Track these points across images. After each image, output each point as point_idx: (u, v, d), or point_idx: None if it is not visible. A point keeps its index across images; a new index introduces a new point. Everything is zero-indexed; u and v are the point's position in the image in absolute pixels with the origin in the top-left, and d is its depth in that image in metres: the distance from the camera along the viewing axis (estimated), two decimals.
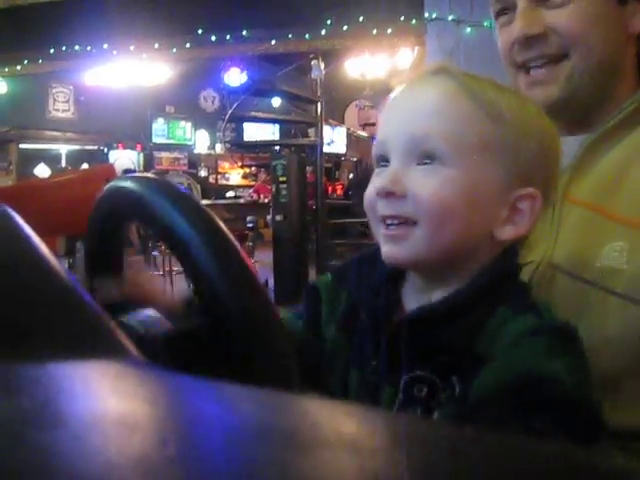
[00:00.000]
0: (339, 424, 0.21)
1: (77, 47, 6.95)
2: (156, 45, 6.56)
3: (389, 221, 0.66)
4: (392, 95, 0.71)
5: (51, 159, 11.42)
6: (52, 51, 7.06)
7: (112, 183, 0.64)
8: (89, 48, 6.93)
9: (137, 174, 0.71)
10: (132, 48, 6.63)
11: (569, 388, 0.57)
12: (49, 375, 0.21)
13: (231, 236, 0.52)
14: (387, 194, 0.65)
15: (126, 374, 0.23)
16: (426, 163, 0.64)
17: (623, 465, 0.20)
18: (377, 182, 0.66)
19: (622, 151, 0.85)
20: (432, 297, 0.67)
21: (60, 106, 11.61)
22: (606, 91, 0.88)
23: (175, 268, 5.94)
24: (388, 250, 0.66)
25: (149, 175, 0.63)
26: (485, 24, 4.90)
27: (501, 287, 0.66)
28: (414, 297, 0.70)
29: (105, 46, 6.79)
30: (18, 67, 7.26)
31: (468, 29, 5.08)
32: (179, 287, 0.83)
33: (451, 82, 0.66)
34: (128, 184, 0.59)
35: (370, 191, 0.68)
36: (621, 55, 0.88)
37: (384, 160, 0.68)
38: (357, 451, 0.20)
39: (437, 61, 0.72)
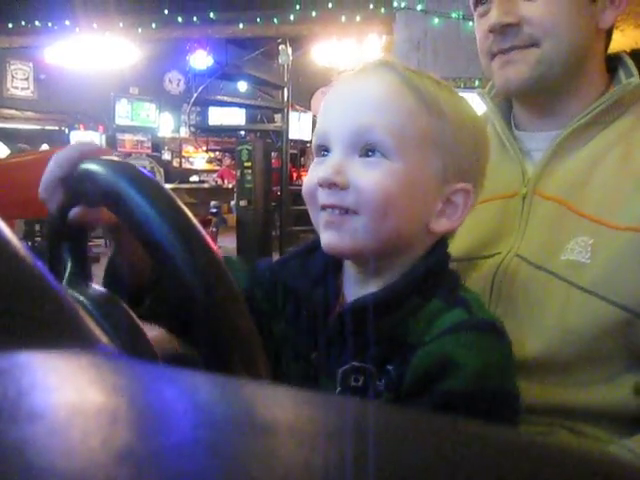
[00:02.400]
0: (306, 412, 0.21)
1: (37, 22, 6.76)
2: (120, 24, 6.43)
3: (329, 210, 0.66)
4: (334, 85, 0.72)
5: (9, 138, 11.09)
6: (10, 26, 6.84)
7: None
8: (50, 24, 6.74)
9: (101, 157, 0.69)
10: (95, 26, 6.48)
11: (472, 378, 0.60)
12: (19, 366, 0.20)
13: (195, 221, 0.51)
14: (329, 185, 0.65)
15: (99, 364, 0.23)
16: (369, 155, 0.65)
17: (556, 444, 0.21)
18: (319, 171, 0.67)
19: (592, 149, 0.88)
20: (369, 288, 0.68)
21: (19, 84, 11.28)
22: (574, 82, 0.90)
23: None
24: (327, 237, 0.67)
25: (113, 158, 0.62)
26: (453, 15, 4.94)
27: (435, 278, 0.68)
28: (352, 288, 0.72)
29: (67, 22, 6.61)
30: None
31: (436, 19, 5.11)
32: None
33: (394, 76, 0.67)
34: (92, 167, 0.58)
35: (310, 180, 0.69)
36: (590, 49, 0.90)
37: (325, 150, 0.69)
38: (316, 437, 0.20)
39: (400, 51, 0.73)
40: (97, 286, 0.65)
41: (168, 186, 0.55)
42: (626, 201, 0.81)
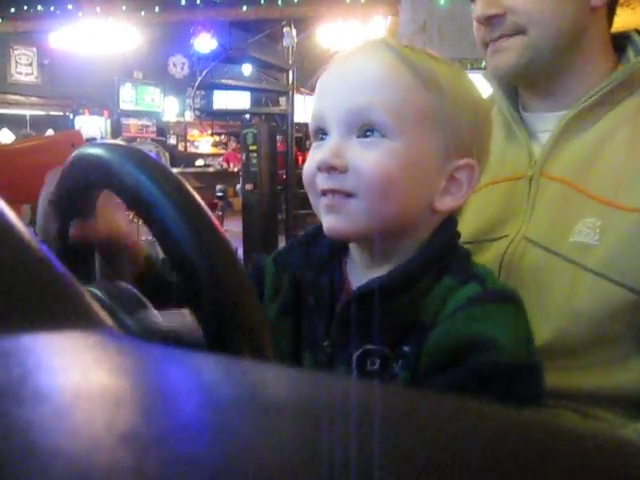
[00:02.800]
0: (328, 394, 0.21)
1: (40, 7, 6.72)
2: (123, 7, 6.39)
3: (329, 195, 0.65)
4: (329, 66, 0.70)
5: (14, 124, 11.10)
6: (13, 10, 6.81)
7: (80, 150, 0.63)
8: (52, 8, 6.70)
9: (106, 141, 0.69)
10: (98, 10, 6.44)
11: (506, 351, 0.59)
12: (24, 347, 0.20)
13: (203, 203, 0.51)
14: (328, 168, 0.64)
15: (104, 345, 0.23)
16: (367, 135, 0.64)
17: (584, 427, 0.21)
18: (317, 156, 0.66)
19: (599, 129, 0.87)
20: (377, 272, 0.67)
21: (23, 69, 11.25)
22: (570, 64, 0.89)
23: (142, 238, 5.86)
24: (329, 221, 0.66)
25: (118, 142, 0.61)
26: None
27: (445, 257, 0.67)
28: (359, 273, 0.71)
29: (70, 7, 6.57)
30: None
31: (442, 0, 5.05)
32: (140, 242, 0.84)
33: (390, 54, 0.66)
34: (97, 151, 0.58)
35: (309, 165, 0.68)
36: (585, 30, 0.88)
37: (322, 133, 0.68)
38: (324, 418, 0.20)
39: (405, 32, 0.72)
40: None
41: (173, 170, 0.55)
42: (634, 182, 0.80)
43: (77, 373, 0.19)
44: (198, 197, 0.51)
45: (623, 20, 0.93)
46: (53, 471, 0.13)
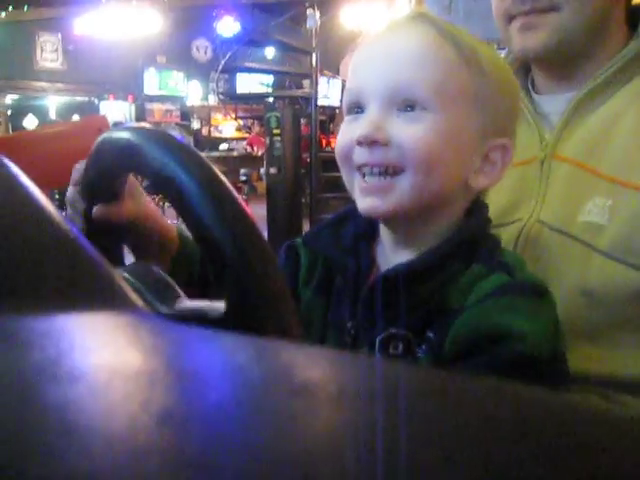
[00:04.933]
0: (355, 374, 0.21)
1: None
2: None
3: (367, 170, 0.64)
4: (367, 40, 0.69)
5: (40, 111, 11.23)
6: None
7: (108, 134, 0.63)
8: None
9: (132, 124, 0.70)
10: None
11: (532, 343, 0.58)
12: (58, 328, 0.20)
13: (230, 185, 0.51)
14: (370, 142, 0.63)
15: (136, 326, 0.23)
16: (408, 110, 0.63)
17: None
18: (356, 130, 0.64)
19: (609, 108, 0.85)
20: (406, 255, 0.67)
21: (48, 56, 11.34)
22: (594, 46, 0.87)
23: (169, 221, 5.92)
24: (368, 202, 0.65)
25: (146, 125, 0.62)
26: None
27: (475, 243, 0.66)
28: (387, 256, 0.70)
29: None
30: (2, 14, 7.07)
31: None
32: (170, 226, 0.86)
33: (431, 29, 0.65)
34: (125, 135, 0.58)
35: (345, 139, 0.66)
36: (610, 12, 0.86)
37: (358, 107, 0.66)
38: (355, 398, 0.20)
39: (431, 12, 0.71)
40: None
41: None
42: None
43: (111, 353, 0.19)
44: (224, 177, 0.51)
45: None
46: (91, 450, 0.13)
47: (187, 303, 0.54)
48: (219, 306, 0.49)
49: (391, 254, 0.69)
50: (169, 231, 0.83)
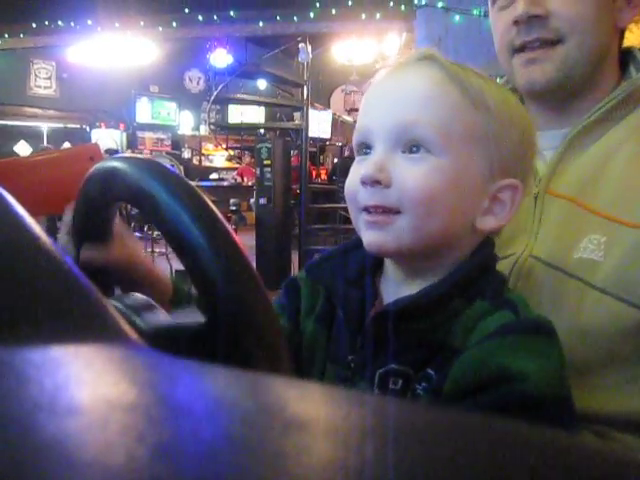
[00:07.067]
0: (339, 409, 0.21)
1: (60, 22, 6.83)
2: (142, 23, 6.47)
3: (372, 210, 0.64)
4: (376, 80, 0.69)
5: (32, 137, 11.25)
6: (34, 26, 6.92)
7: (101, 163, 0.64)
8: (72, 24, 6.81)
9: (126, 154, 0.70)
10: (117, 25, 6.53)
11: (536, 384, 0.56)
12: (54, 360, 0.20)
13: (221, 216, 0.52)
14: (372, 182, 0.63)
15: (131, 359, 0.23)
16: (412, 151, 0.63)
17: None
18: (361, 170, 0.65)
19: (602, 146, 0.87)
20: (410, 289, 0.66)
21: (42, 83, 11.42)
22: (592, 82, 0.89)
23: (157, 250, 5.90)
24: (371, 236, 0.64)
25: (139, 156, 0.62)
26: (474, 12, 4.90)
27: (480, 280, 0.65)
28: (391, 289, 0.69)
29: (89, 22, 6.68)
30: None
31: (457, 17, 5.07)
32: (161, 268, 0.85)
33: (438, 69, 0.65)
34: (118, 164, 0.59)
35: (353, 180, 0.66)
36: (608, 48, 0.89)
37: (366, 147, 0.67)
38: (346, 435, 0.20)
39: (423, 47, 0.71)
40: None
41: None
42: (638, 198, 0.80)
43: (107, 387, 0.19)
44: (214, 207, 0.52)
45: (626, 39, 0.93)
46: None
47: (168, 320, 0.54)
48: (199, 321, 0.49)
49: (395, 288, 0.69)
50: (160, 280, 0.81)
